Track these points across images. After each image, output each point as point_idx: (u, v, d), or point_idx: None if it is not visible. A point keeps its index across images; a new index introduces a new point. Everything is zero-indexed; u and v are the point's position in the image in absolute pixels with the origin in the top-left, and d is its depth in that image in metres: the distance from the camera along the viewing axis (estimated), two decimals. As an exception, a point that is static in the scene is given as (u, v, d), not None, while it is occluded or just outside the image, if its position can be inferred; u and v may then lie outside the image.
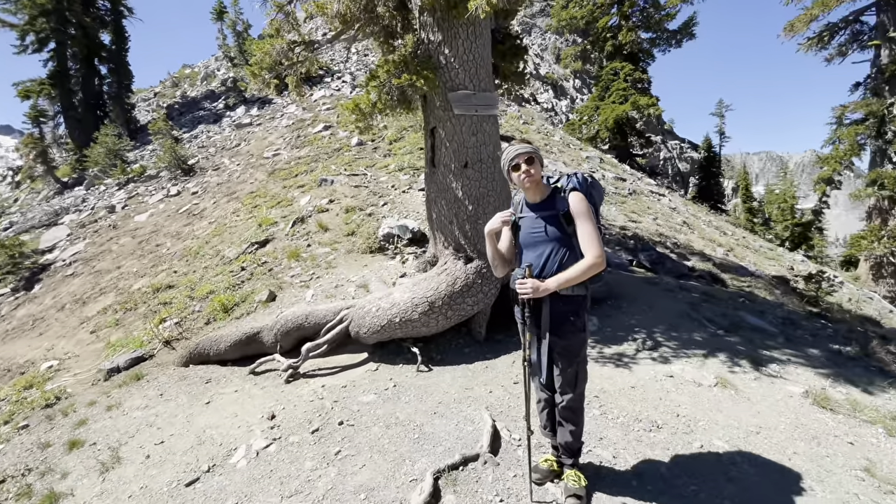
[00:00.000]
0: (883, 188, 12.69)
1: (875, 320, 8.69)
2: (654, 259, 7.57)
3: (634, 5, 21.86)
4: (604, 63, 24.43)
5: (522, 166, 2.29)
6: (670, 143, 37.24)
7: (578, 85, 43.78)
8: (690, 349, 4.38)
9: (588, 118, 24.47)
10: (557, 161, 14.80)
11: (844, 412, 3.40)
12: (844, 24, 13.74)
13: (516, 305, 2.51)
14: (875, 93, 13.02)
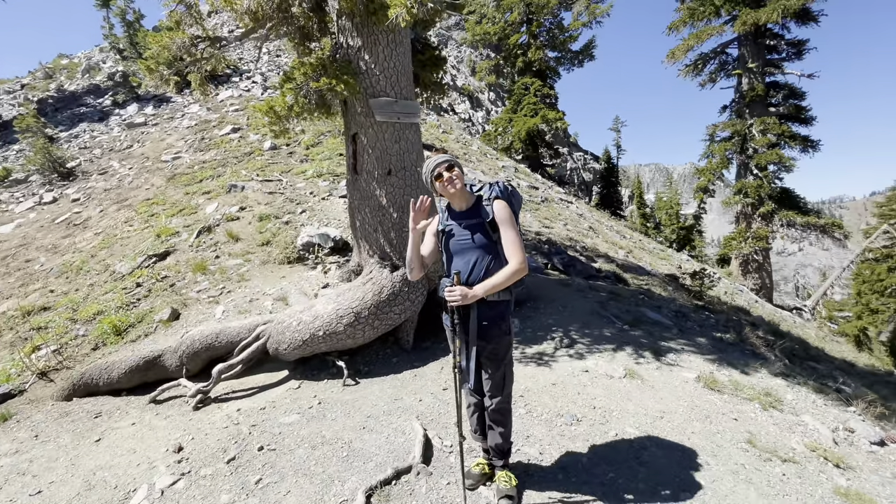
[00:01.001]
0: (746, 196, 14.92)
1: (745, 310, 10.13)
2: (566, 262, 8.10)
3: (541, 26, 23.40)
4: (515, 78, 25.81)
5: (444, 174, 2.34)
6: (576, 154, 40.32)
7: (493, 98, 45.72)
8: (602, 344, 4.75)
9: (503, 129, 25.64)
10: (476, 170, 15.28)
11: (729, 392, 3.90)
12: (714, 55, 16.00)
13: (444, 312, 2.54)
14: (738, 115, 15.31)
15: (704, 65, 15.94)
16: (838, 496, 2.72)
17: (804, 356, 6.99)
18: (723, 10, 14.47)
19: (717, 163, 15.82)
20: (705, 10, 14.63)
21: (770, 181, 14.48)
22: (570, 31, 23.05)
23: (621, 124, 41.80)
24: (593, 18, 21.12)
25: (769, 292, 15.85)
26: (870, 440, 3.84)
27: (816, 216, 14.85)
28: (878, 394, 6.33)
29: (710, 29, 14.64)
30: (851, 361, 9.82)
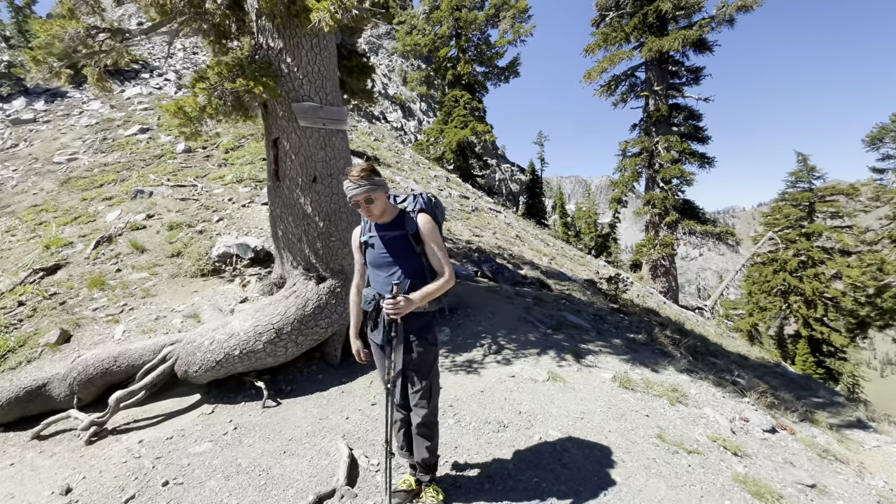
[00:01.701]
0: (654, 207, 16.39)
1: (655, 311, 11.03)
2: (494, 269, 8.32)
3: (469, 41, 24.11)
4: (446, 90, 26.30)
5: (362, 204, 2.28)
6: (504, 166, 41.88)
7: (425, 108, 46.20)
8: (527, 349, 4.90)
9: (434, 140, 25.95)
10: (409, 179, 15.27)
11: (641, 390, 4.19)
12: (625, 77, 17.48)
13: (369, 326, 2.49)
14: (646, 133, 16.83)
15: (617, 86, 17.38)
16: (737, 483, 3.01)
17: (705, 352, 7.75)
18: (632, 36, 15.90)
19: (629, 176, 17.24)
20: (617, 35, 15.99)
21: (674, 193, 16.06)
22: (497, 48, 23.97)
23: (544, 139, 44.04)
24: (518, 37, 22.16)
25: (675, 294, 17.46)
26: (762, 428, 4.32)
27: (713, 225, 16.69)
28: (767, 384, 7.18)
29: (621, 53, 16.02)
30: (745, 355, 11.05)
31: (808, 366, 20.71)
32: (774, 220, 22.36)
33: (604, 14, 17.22)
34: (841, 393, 10.54)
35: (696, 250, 20.32)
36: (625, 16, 16.53)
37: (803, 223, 21.38)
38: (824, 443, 4.55)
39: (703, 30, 14.53)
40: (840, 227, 21.31)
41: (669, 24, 15.70)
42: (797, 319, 21.42)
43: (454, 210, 14.28)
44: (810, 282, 20.70)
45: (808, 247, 20.92)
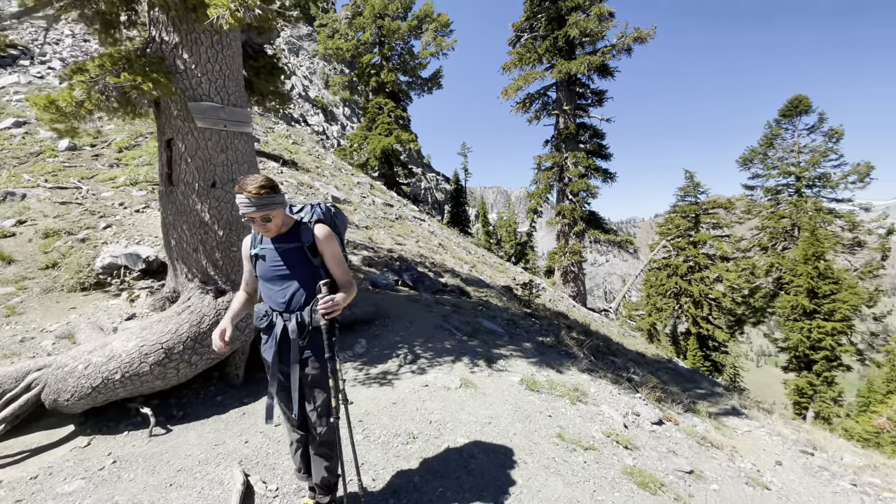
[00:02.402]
0: (564, 217, 17.57)
1: (565, 314, 11.75)
2: (415, 278, 8.34)
3: (393, 49, 24.16)
4: (370, 97, 26.06)
5: (258, 221, 2.14)
6: (429, 175, 42.40)
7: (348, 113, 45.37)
8: (443, 357, 4.96)
9: (358, 146, 25.52)
10: (329, 185, 14.84)
11: (546, 391, 4.42)
12: (538, 96, 18.60)
13: (262, 342, 2.37)
14: (557, 148, 18.03)
15: (531, 104, 18.44)
16: (626, 475, 3.27)
17: (606, 351, 8.40)
18: (544, 58, 17.01)
19: (542, 188, 18.32)
20: (531, 56, 17.00)
21: (581, 205, 17.34)
22: (420, 59, 24.29)
23: (468, 150, 45.44)
24: (440, 50, 22.64)
25: (583, 298, 18.77)
26: (651, 421, 4.74)
27: (615, 234, 18.26)
28: (659, 378, 7.91)
29: (535, 73, 17.05)
30: (643, 353, 12.13)
31: (697, 360, 23.29)
32: (667, 229, 24.99)
33: (519, 35, 18.22)
34: (721, 383, 11.97)
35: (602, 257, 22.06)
36: (538, 38, 17.62)
37: (691, 233, 24.14)
38: (703, 431, 5.13)
39: (606, 56, 15.96)
40: (720, 237, 24.37)
41: (577, 49, 17.03)
42: (687, 318, 24.05)
43: (377, 218, 14.13)
44: (697, 284, 23.38)
45: (695, 253, 23.64)
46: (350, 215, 12.08)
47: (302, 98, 38.42)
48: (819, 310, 18.88)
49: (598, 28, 15.63)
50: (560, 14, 16.63)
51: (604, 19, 15.79)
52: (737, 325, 24.64)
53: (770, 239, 23.81)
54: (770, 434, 6.00)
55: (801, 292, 19.23)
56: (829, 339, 18.59)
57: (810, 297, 19.07)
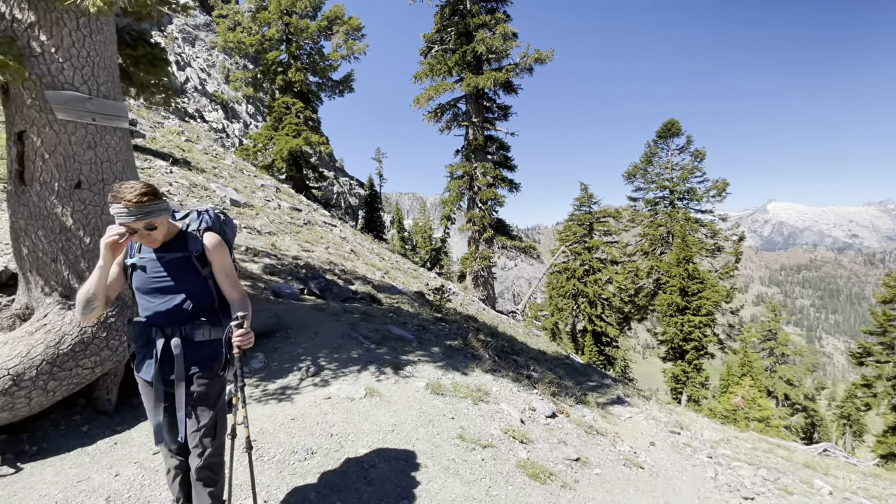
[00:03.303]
0: (474, 224, 18.26)
1: (474, 317, 12.18)
2: (323, 286, 8.07)
3: (301, 48, 23.24)
4: (276, 95, 24.75)
5: (140, 231, 1.92)
6: (342, 179, 41.25)
7: (252, 111, 42.64)
8: (348, 367, 4.87)
9: (263, 146, 24.08)
10: (228, 187, 13.79)
11: (450, 394, 4.54)
12: (449, 107, 19.15)
13: (137, 361, 2.16)
14: (467, 158, 18.72)
15: (442, 114, 18.93)
16: (519, 468, 3.48)
17: (510, 351, 8.86)
18: (454, 70, 17.58)
19: (455, 196, 18.87)
20: (441, 67, 17.48)
21: (489, 213, 18.16)
22: (331, 61, 23.65)
23: (382, 155, 45.16)
24: (351, 53, 22.27)
25: (493, 301, 19.62)
26: (545, 414, 5.08)
27: (519, 240, 19.40)
28: (556, 374, 8.51)
29: (445, 85, 17.56)
30: (544, 350, 12.98)
31: (593, 355, 25.49)
32: (566, 236, 27.13)
33: (430, 46, 18.63)
34: (611, 375, 13.22)
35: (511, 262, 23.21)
36: (448, 51, 18.17)
37: (586, 239, 26.45)
38: (591, 420, 5.63)
39: (510, 74, 16.96)
40: (610, 243, 27.02)
41: (484, 65, 17.86)
42: (584, 317, 26.25)
43: (283, 223, 13.42)
44: (592, 286, 25.66)
45: (589, 258, 25.93)
46: (251, 220, 11.34)
47: (198, 92, 35.31)
48: (689, 306, 21.79)
49: (502, 46, 16.55)
50: (468, 30, 17.32)
51: (508, 38, 16.76)
52: (625, 321, 27.45)
53: (650, 245, 27.00)
54: (647, 418, 6.78)
55: (675, 291, 22.04)
56: (698, 332, 21.53)
57: (682, 296, 21.94)
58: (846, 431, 30.71)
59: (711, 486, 4.53)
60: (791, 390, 25.58)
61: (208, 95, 36.35)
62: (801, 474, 6.05)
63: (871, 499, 5.63)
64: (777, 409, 24.03)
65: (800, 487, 5.35)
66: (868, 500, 5.54)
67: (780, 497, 4.78)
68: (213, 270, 2.17)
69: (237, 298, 2.19)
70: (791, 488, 5.16)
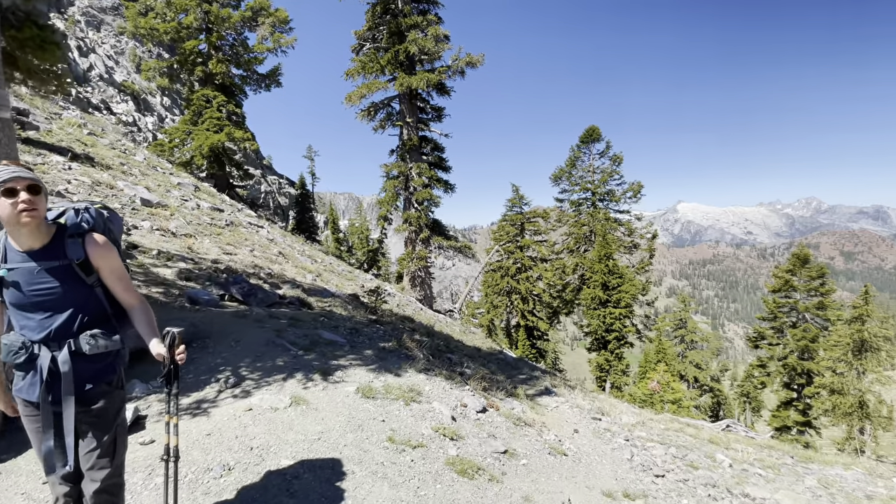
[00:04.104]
0: (411, 225, 18.23)
1: (411, 318, 12.16)
2: (246, 291, 7.63)
3: (223, 39, 21.82)
4: (195, 87, 23.02)
5: (22, 194, 1.71)
6: (270, 177, 39.30)
7: (168, 103, 39.42)
8: (273, 376, 4.64)
9: (181, 141, 22.31)
10: (138, 185, 12.60)
11: (381, 397, 4.49)
12: (383, 106, 18.94)
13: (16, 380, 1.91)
14: (402, 158, 18.63)
15: (376, 112, 18.68)
16: (448, 465, 3.52)
17: (445, 350, 8.95)
18: (386, 69, 17.41)
19: (390, 196, 18.72)
20: (373, 66, 17.24)
21: (425, 213, 18.23)
22: (256, 53, 22.44)
23: (314, 153, 43.66)
24: (279, 46, 21.30)
25: (430, 301, 19.71)
26: (476, 410, 5.19)
27: (455, 241, 19.67)
28: (489, 369, 8.72)
29: (378, 83, 17.34)
30: (479, 347, 13.27)
31: (525, 349, 26.49)
32: (500, 236, 27.95)
33: (361, 43, 18.31)
34: (541, 367, 13.81)
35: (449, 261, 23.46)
36: (380, 49, 17.96)
37: (518, 238, 27.42)
38: (520, 412, 5.83)
39: (442, 76, 17.13)
40: (540, 241, 28.22)
41: (417, 65, 17.87)
42: (518, 313, 27.20)
43: (202, 224, 12.51)
44: (524, 283, 26.65)
45: (521, 256, 26.90)
46: (165, 221, 10.45)
47: (104, 81, 31.97)
48: (610, 299, 23.36)
49: (435, 48, 16.67)
50: (400, 29, 17.24)
51: (440, 40, 16.91)
52: (554, 315, 28.83)
53: (575, 243, 28.60)
54: (572, 407, 7.17)
55: (598, 286, 23.52)
56: (618, 323, 23.14)
57: (604, 290, 23.46)
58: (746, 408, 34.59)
59: (627, 468, 4.89)
60: (700, 373, 28.31)
61: (116, 85, 33.04)
62: (705, 450, 6.71)
63: (766, 468, 6.37)
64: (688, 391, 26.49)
65: (704, 462, 5.94)
66: (763, 469, 6.27)
67: (688, 472, 5.27)
68: (102, 276, 1.96)
69: (136, 304, 2.02)
70: (697, 463, 5.71)
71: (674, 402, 20.00)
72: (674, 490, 4.50)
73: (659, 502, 4.13)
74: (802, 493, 5.34)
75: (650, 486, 4.51)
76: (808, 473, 6.54)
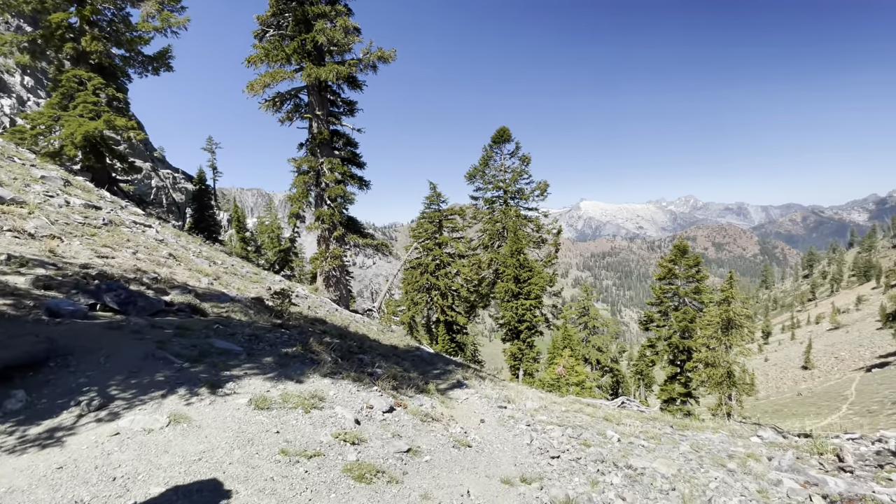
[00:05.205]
0: (323, 222, 17.53)
1: (323, 320, 11.71)
2: (123, 299, 6.77)
3: (99, 13, 19.12)
4: (65, 66, 19.90)
5: None
6: (163, 171, 35.40)
7: (31, 83, 33.86)
8: (149, 393, 4.16)
9: (46, 128, 19.20)
10: (-16, 179, 10.61)
11: (277, 406, 4.24)
12: (289, 96, 17.91)
13: None
14: (312, 153, 17.81)
15: (282, 103, 17.62)
16: (346, 472, 3.41)
17: (358, 350, 8.74)
18: (293, 58, 16.48)
19: (301, 192, 17.80)
20: (278, 54, 16.20)
21: (339, 211, 17.63)
22: (140, 32, 19.96)
23: (216, 145, 40.21)
24: (167, 26, 19.15)
25: (346, 301, 19.18)
26: (383, 410, 5.11)
27: (372, 238, 19.31)
28: (403, 367, 8.68)
29: (283, 73, 16.34)
30: (396, 345, 13.16)
31: (445, 343, 26.93)
32: (419, 233, 28.05)
33: (265, 29, 17.14)
34: (455, 360, 14.12)
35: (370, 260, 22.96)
36: (286, 37, 16.95)
37: (436, 235, 27.72)
38: (428, 408, 5.87)
39: (353, 69, 16.63)
40: (457, 238, 28.81)
41: (326, 57, 17.17)
42: (437, 309, 27.54)
43: (72, 224, 10.87)
44: (443, 279, 27.04)
45: (440, 253, 27.26)
46: (21, 221, 8.92)
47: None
48: (522, 291, 24.57)
49: (344, 40, 16.12)
50: (307, 18, 16.41)
51: (350, 33, 16.39)
52: (472, 309, 29.67)
53: (490, 239, 29.66)
54: (481, 397, 7.39)
55: (510, 279, 24.62)
56: (529, 314, 24.43)
57: (516, 283, 24.61)
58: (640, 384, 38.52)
59: (527, 452, 5.14)
60: (601, 356, 30.92)
61: (-45, 57, 27.64)
62: (599, 427, 7.29)
63: (649, 439, 7.07)
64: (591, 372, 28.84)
65: (596, 439, 6.45)
66: (646, 441, 6.94)
67: (581, 451, 5.68)
68: None
69: None
70: (589, 441, 6.18)
71: (578, 385, 21.60)
72: (567, 469, 4.82)
73: (553, 483, 4.40)
74: (677, 459, 6.02)
75: (546, 468, 4.79)
76: (683, 440, 7.41)
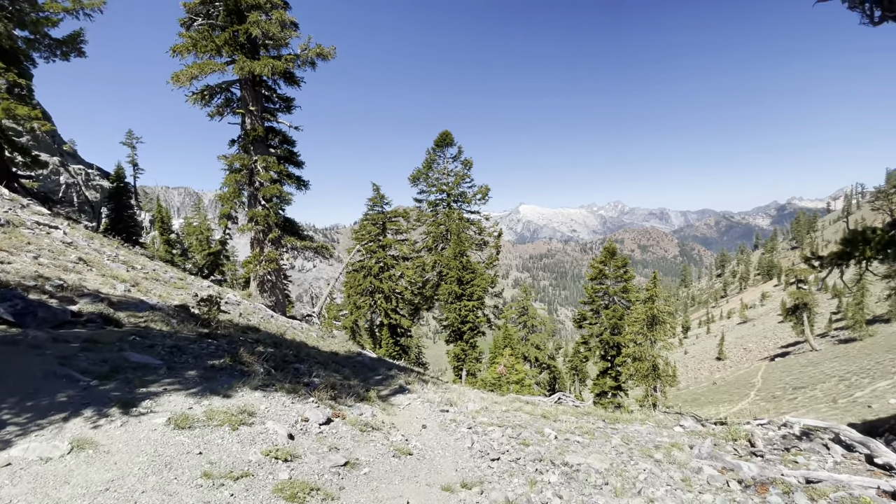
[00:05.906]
0: (257, 224, 16.64)
1: (256, 328, 11.10)
2: (20, 309, 6.00)
3: (-7, -15, 16.87)
4: (-55, 42, 17.34)
5: None
6: (74, 167, 31.86)
7: None
8: (49, 416, 3.69)
9: (-80, 113, 16.64)
10: None
11: (201, 425, 3.92)
12: (220, 90, 16.81)
13: None
14: (245, 150, 16.83)
15: (212, 97, 16.50)
16: (276, 492, 3.22)
17: (294, 359, 8.35)
18: (223, 50, 15.49)
19: (233, 192, 16.77)
20: (208, 45, 15.16)
21: (275, 211, 16.81)
22: (47, 13, 17.87)
23: (137, 140, 36.97)
24: (80, 7, 17.32)
25: (283, 307, 18.33)
26: (319, 422, 4.90)
27: (311, 241, 18.61)
28: (343, 374, 8.41)
29: (213, 64, 15.31)
30: (336, 352, 12.76)
31: (389, 347, 26.59)
32: (362, 235, 27.50)
33: (193, 18, 15.98)
34: (398, 365, 13.93)
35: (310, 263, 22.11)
36: (216, 27, 15.92)
37: (380, 238, 27.33)
38: (368, 417, 5.72)
39: (290, 64, 15.95)
40: (401, 240, 28.59)
41: (261, 50, 16.34)
42: (381, 312, 27.13)
43: (-45, 225, 9.46)
44: (387, 282, 26.70)
45: (384, 255, 26.90)
46: None
47: None
48: (465, 293, 24.87)
49: (280, 34, 15.43)
50: (239, 8, 15.52)
51: (286, 27, 15.72)
52: (416, 312, 29.58)
53: (433, 241, 29.76)
54: (423, 402, 7.34)
55: (453, 281, 24.84)
56: (472, 315, 24.78)
57: (459, 284, 24.88)
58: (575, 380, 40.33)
59: (468, 456, 5.17)
60: (539, 353, 32.03)
61: None
62: (537, 426, 7.50)
63: (583, 435, 7.37)
64: (530, 370, 29.78)
65: (535, 438, 6.62)
66: (581, 436, 7.23)
67: (520, 451, 5.80)
68: None
69: None
70: (528, 440, 6.33)
71: (518, 382, 22.21)
72: (507, 471, 4.90)
73: (494, 486, 4.45)
74: (609, 453, 6.34)
75: (487, 471, 4.84)
76: (615, 433, 7.82)
